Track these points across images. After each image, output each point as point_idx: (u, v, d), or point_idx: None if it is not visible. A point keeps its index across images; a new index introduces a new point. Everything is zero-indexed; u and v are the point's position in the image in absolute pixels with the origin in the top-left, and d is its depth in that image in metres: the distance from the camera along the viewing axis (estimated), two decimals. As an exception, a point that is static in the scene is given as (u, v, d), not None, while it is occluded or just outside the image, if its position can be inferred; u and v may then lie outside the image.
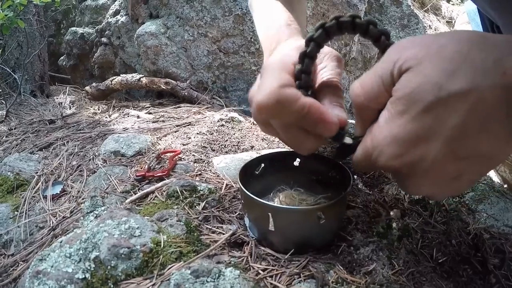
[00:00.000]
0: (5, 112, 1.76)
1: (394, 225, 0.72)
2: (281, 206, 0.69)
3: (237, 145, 1.12)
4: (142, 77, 1.85)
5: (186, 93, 1.76)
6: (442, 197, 0.77)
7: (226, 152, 1.07)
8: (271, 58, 0.59)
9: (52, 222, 0.81)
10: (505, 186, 0.95)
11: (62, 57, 2.63)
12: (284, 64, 0.54)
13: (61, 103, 2.05)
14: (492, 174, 1.01)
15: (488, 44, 0.38)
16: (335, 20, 0.49)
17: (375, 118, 0.44)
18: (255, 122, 1.35)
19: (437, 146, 0.39)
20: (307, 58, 0.52)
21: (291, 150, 0.61)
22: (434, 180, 0.43)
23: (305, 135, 0.53)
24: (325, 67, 0.58)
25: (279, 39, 0.67)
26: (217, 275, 0.55)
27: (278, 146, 1.09)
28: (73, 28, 2.47)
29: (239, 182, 0.67)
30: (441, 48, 0.39)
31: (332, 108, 0.53)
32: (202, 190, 0.80)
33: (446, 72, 0.37)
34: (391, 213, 0.75)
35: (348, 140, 0.51)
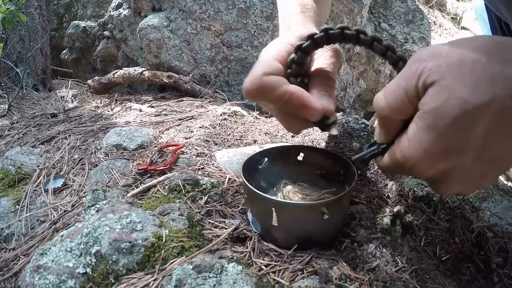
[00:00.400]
0: (7, 106, 1.76)
1: (397, 221, 0.71)
2: (284, 201, 0.68)
3: (240, 139, 1.11)
4: (145, 70, 1.85)
5: (188, 87, 1.76)
6: (469, 193, 0.81)
7: (229, 146, 1.06)
8: (273, 41, 0.62)
9: (54, 216, 0.81)
10: (509, 184, 0.94)
11: (64, 51, 2.63)
12: (279, 52, 0.58)
13: (63, 96, 2.05)
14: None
15: (504, 52, 0.40)
16: (324, 33, 0.53)
17: (399, 127, 0.47)
18: (257, 117, 1.34)
19: (466, 156, 0.42)
20: (301, 52, 0.55)
21: (295, 144, 0.62)
22: (463, 182, 0.46)
23: (291, 117, 0.58)
24: (320, 57, 0.62)
25: (291, 23, 0.70)
26: (219, 270, 0.55)
27: (281, 141, 1.08)
28: (75, 22, 2.47)
29: (242, 176, 0.66)
30: (461, 59, 0.41)
31: (319, 97, 0.56)
32: (204, 184, 0.79)
33: (468, 85, 0.40)
34: (395, 209, 0.74)
35: (334, 131, 0.56)
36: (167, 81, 1.78)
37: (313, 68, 0.61)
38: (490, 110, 0.39)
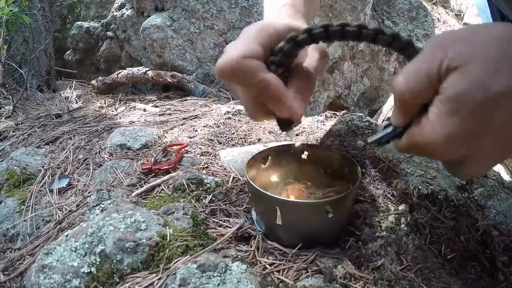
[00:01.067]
0: (12, 107, 1.77)
1: (402, 220, 0.71)
2: (288, 199, 0.68)
3: (244, 138, 1.11)
4: (148, 70, 1.85)
5: (192, 86, 1.76)
6: (482, 175, 0.84)
7: (233, 145, 1.06)
8: (254, 23, 0.58)
9: (58, 216, 0.81)
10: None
11: (68, 52, 2.64)
12: (261, 32, 0.54)
13: (68, 97, 2.06)
14: (501, 170, 1.00)
15: None
16: (323, 29, 0.50)
17: (417, 111, 0.47)
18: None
19: (487, 141, 0.43)
20: (294, 44, 0.52)
21: (299, 143, 0.61)
22: (480, 165, 0.47)
23: (258, 105, 0.55)
24: (306, 56, 0.59)
25: (280, 12, 0.67)
26: (223, 269, 0.54)
27: (286, 139, 1.08)
28: (79, 23, 2.47)
29: (246, 175, 0.66)
30: (483, 45, 0.42)
31: (294, 97, 0.54)
32: (208, 183, 0.79)
33: (490, 72, 0.40)
34: (400, 208, 0.74)
35: (292, 134, 0.56)
36: (170, 80, 1.78)
37: (296, 62, 0.58)
38: (510, 96, 0.40)
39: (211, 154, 0.99)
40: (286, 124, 0.56)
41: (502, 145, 0.44)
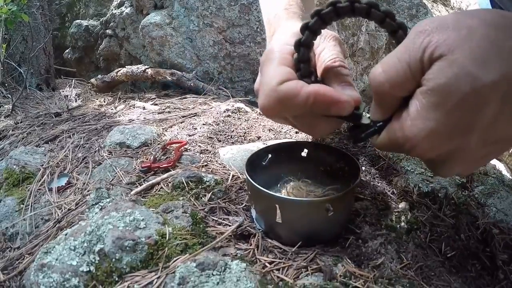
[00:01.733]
0: (11, 106, 1.76)
1: (402, 218, 0.70)
2: (288, 197, 0.68)
3: (243, 136, 1.11)
4: (148, 68, 1.84)
5: (192, 84, 1.75)
6: (468, 174, 0.80)
7: (232, 142, 1.06)
8: (269, 49, 0.57)
9: (58, 215, 0.81)
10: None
11: (67, 50, 2.63)
12: (282, 55, 0.53)
13: (67, 96, 2.05)
14: (502, 168, 0.99)
15: (510, 28, 0.38)
16: (332, 7, 0.48)
17: (398, 104, 0.44)
18: (261, 113, 1.34)
19: (473, 137, 0.40)
20: (303, 47, 0.51)
21: (299, 140, 0.60)
22: (465, 163, 0.44)
23: (317, 120, 0.53)
24: (324, 49, 0.57)
25: (277, 24, 0.66)
26: (223, 268, 0.54)
27: (285, 137, 1.07)
28: (78, 21, 2.47)
29: (246, 173, 0.66)
30: (470, 33, 0.38)
31: (342, 88, 0.52)
32: (208, 181, 0.79)
33: (478, 62, 0.37)
34: (400, 205, 0.74)
35: (365, 120, 0.50)
36: (170, 78, 1.78)
37: (320, 61, 0.56)
38: (500, 89, 0.37)
39: (210, 152, 0.98)
40: (355, 116, 0.51)
41: (490, 141, 0.41)
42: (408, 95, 0.43)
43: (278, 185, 0.76)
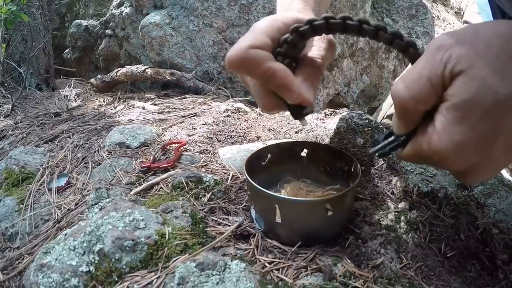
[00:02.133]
0: (10, 106, 1.76)
1: (402, 218, 0.70)
2: (288, 197, 0.68)
3: (243, 136, 1.11)
4: (147, 68, 1.84)
5: (191, 84, 1.75)
6: (490, 178, 0.82)
7: (232, 142, 1.06)
8: (265, 18, 0.59)
9: (57, 215, 0.81)
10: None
11: (66, 50, 2.63)
12: (269, 27, 0.55)
13: (67, 96, 2.05)
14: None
15: None
16: (324, 20, 0.50)
17: (420, 118, 0.46)
18: (261, 113, 1.34)
19: (497, 146, 0.41)
20: (297, 35, 0.53)
21: (298, 140, 0.61)
22: (489, 171, 0.45)
23: (269, 95, 0.56)
24: (314, 46, 0.60)
25: (288, 6, 0.68)
26: (222, 268, 0.54)
27: (285, 137, 1.07)
28: (77, 21, 2.46)
29: (245, 173, 0.66)
30: (487, 46, 0.40)
31: (302, 83, 0.54)
32: (207, 181, 0.79)
33: (497, 75, 0.39)
34: (400, 205, 0.74)
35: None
36: (170, 78, 1.78)
37: (303, 55, 0.59)
38: None
39: (210, 152, 0.98)
40: (298, 112, 0.56)
41: (509, 149, 0.42)
42: (430, 109, 0.44)
43: (278, 185, 0.76)
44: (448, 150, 0.42)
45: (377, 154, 0.53)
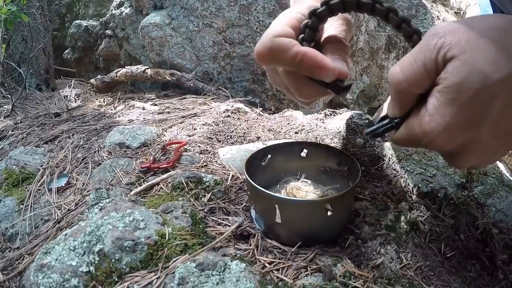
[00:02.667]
0: (10, 106, 1.76)
1: (402, 218, 0.70)
2: (288, 197, 0.68)
3: (243, 136, 1.11)
4: (147, 68, 1.84)
5: (191, 84, 1.75)
6: (484, 166, 0.84)
7: (232, 143, 1.06)
8: (280, 14, 0.62)
9: (57, 215, 0.81)
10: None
11: (66, 51, 2.63)
12: (289, 18, 0.58)
13: (67, 96, 2.05)
14: (501, 167, 0.99)
15: None
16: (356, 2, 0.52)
17: (414, 101, 0.48)
18: (260, 113, 1.34)
19: (485, 128, 0.43)
20: (316, 17, 0.55)
21: (298, 141, 0.61)
22: (479, 154, 0.47)
23: (304, 82, 0.57)
24: (331, 26, 0.62)
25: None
26: (222, 268, 0.54)
27: (285, 137, 1.07)
28: (77, 21, 2.47)
29: (245, 173, 0.66)
30: (480, 35, 0.42)
31: (333, 59, 0.55)
32: (207, 182, 0.79)
33: (487, 61, 0.41)
34: (399, 205, 0.74)
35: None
36: (170, 79, 1.78)
37: (324, 35, 0.61)
38: (507, 84, 0.41)
39: (210, 152, 0.98)
40: (339, 87, 0.56)
41: (500, 133, 0.44)
42: (423, 92, 0.46)
43: (278, 185, 0.76)
44: (438, 130, 0.45)
45: (371, 134, 0.54)
